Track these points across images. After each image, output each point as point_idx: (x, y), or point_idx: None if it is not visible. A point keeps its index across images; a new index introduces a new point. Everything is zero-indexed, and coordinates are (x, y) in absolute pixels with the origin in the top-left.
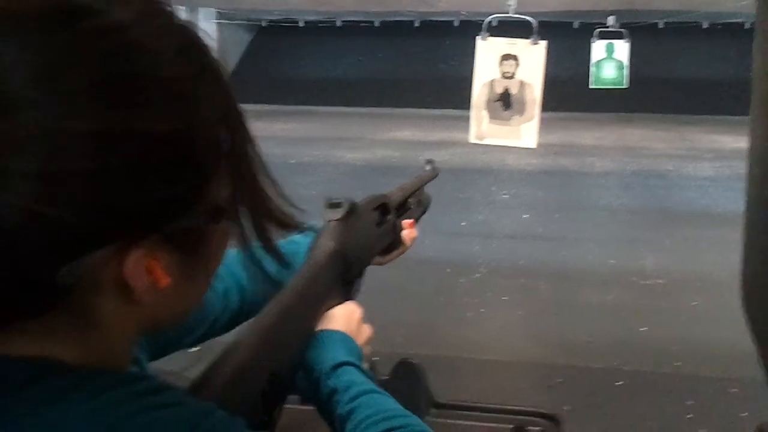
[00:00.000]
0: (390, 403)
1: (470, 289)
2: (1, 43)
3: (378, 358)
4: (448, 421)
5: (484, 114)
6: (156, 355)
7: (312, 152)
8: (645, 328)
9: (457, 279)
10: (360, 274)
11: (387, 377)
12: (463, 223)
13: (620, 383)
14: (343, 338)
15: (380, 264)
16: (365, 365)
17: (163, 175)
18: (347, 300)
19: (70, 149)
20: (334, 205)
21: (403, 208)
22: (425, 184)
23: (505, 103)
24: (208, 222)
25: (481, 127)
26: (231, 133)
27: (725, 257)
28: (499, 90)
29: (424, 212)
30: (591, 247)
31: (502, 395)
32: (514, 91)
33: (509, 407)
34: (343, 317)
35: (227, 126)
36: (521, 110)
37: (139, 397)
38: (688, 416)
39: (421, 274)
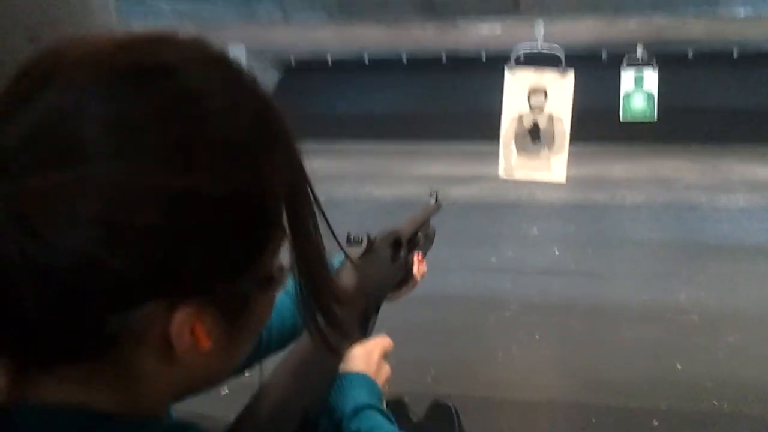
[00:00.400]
0: None
1: (501, 326)
2: (84, 94)
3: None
4: None
5: (513, 148)
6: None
7: (341, 189)
8: (680, 366)
9: (487, 316)
10: (376, 310)
11: (420, 419)
12: (492, 259)
13: (656, 422)
14: (365, 380)
15: (391, 300)
16: (383, 403)
17: (222, 239)
18: (364, 337)
19: (136, 202)
20: (353, 242)
21: (413, 242)
22: (431, 216)
23: (534, 136)
24: (257, 290)
25: (510, 162)
26: (294, 207)
27: (761, 291)
28: (528, 124)
29: (431, 245)
30: (624, 282)
31: None
32: (543, 124)
33: None
34: (363, 357)
35: (291, 199)
36: (550, 144)
37: None
38: None
39: (451, 312)
